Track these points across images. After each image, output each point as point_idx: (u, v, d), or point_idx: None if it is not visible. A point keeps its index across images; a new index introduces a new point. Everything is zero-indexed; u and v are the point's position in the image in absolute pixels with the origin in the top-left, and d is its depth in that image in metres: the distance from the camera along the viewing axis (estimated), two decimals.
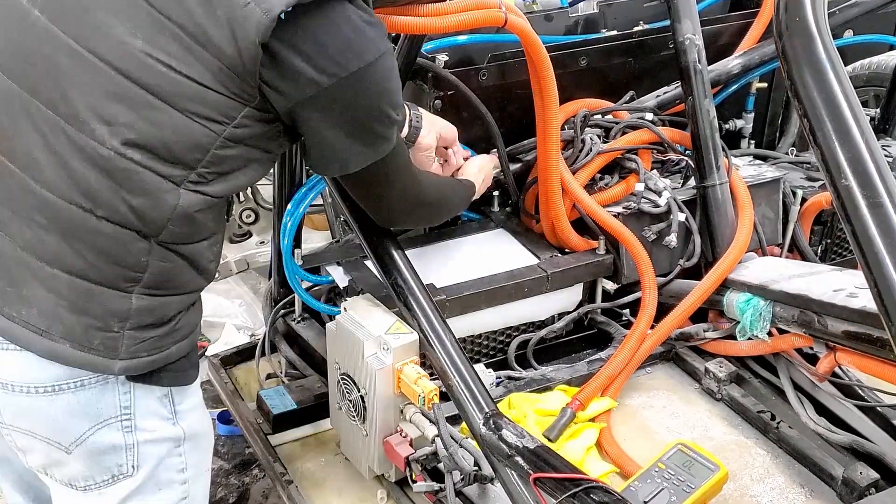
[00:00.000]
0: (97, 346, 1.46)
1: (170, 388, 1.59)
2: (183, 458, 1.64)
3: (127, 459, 1.57)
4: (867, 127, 1.41)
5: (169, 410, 1.60)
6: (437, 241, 2.48)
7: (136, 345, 1.50)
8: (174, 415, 1.61)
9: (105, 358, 1.47)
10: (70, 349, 1.45)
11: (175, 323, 1.56)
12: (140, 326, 1.50)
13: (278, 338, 2.59)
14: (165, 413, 1.60)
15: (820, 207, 2.65)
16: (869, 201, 1.35)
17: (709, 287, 2.31)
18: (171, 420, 1.61)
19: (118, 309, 1.47)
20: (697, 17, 2.47)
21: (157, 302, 1.51)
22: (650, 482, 1.90)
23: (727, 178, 2.43)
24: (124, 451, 1.57)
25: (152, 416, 1.58)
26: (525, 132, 2.49)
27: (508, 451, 1.75)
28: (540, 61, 2.18)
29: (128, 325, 1.48)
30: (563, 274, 2.36)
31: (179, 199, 1.43)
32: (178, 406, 1.61)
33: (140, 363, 1.51)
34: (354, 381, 2.01)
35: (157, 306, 1.51)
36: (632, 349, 2.29)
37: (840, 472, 2.00)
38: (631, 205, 2.44)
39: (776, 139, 3.14)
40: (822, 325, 2.06)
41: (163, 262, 1.48)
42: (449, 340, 1.94)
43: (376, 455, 2.01)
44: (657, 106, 2.66)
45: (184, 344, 1.59)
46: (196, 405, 1.67)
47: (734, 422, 2.25)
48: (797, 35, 1.47)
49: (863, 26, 2.91)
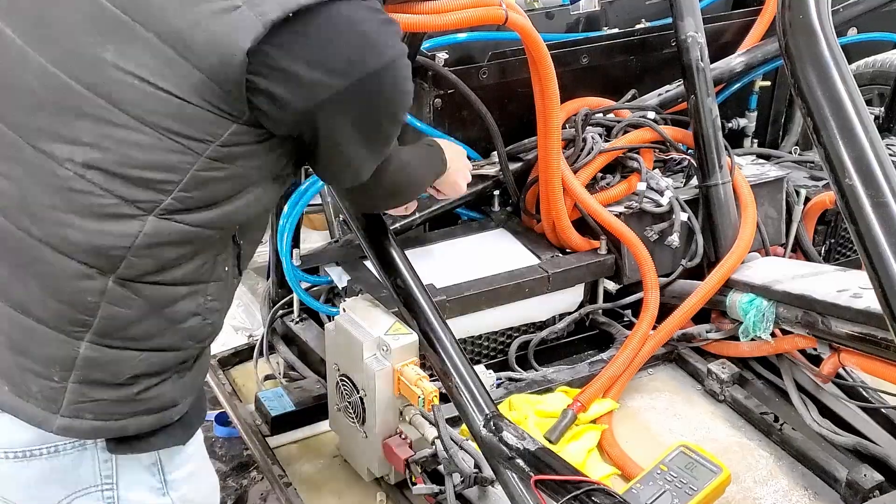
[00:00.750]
0: (35, 394, 1.30)
1: (158, 456, 1.41)
2: None
3: None
4: (871, 125, 1.40)
5: (158, 479, 1.43)
6: (438, 241, 2.48)
7: (80, 403, 1.31)
8: (164, 484, 1.43)
9: (43, 410, 1.30)
10: (8, 393, 1.31)
11: (137, 390, 1.34)
12: (87, 381, 1.31)
13: (276, 339, 2.58)
14: (154, 483, 1.42)
15: (823, 207, 2.64)
16: (873, 200, 1.35)
17: (711, 287, 2.31)
18: (160, 490, 1.43)
19: (60, 355, 1.29)
20: (700, 15, 2.46)
21: (111, 354, 1.31)
22: (652, 484, 1.89)
23: (730, 178, 2.42)
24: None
25: (138, 486, 1.41)
26: (526, 131, 2.49)
27: (509, 452, 1.74)
28: (541, 59, 2.17)
29: (72, 377, 1.30)
30: (565, 274, 2.36)
31: (144, 227, 1.25)
32: (169, 475, 1.43)
33: (83, 426, 1.32)
34: (353, 383, 2.00)
35: (109, 360, 1.31)
36: (634, 350, 2.29)
37: (844, 475, 2.00)
38: (633, 204, 2.43)
39: (779, 138, 3.15)
40: (826, 325, 2.06)
41: (118, 306, 1.28)
42: (449, 341, 1.93)
43: (376, 457, 2.00)
44: (659, 104, 2.66)
45: (149, 419, 1.37)
46: (193, 472, 1.48)
47: (737, 423, 2.24)
48: (801, 33, 1.46)
49: (867, 24, 2.91)
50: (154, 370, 1.35)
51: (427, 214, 2.46)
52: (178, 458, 1.45)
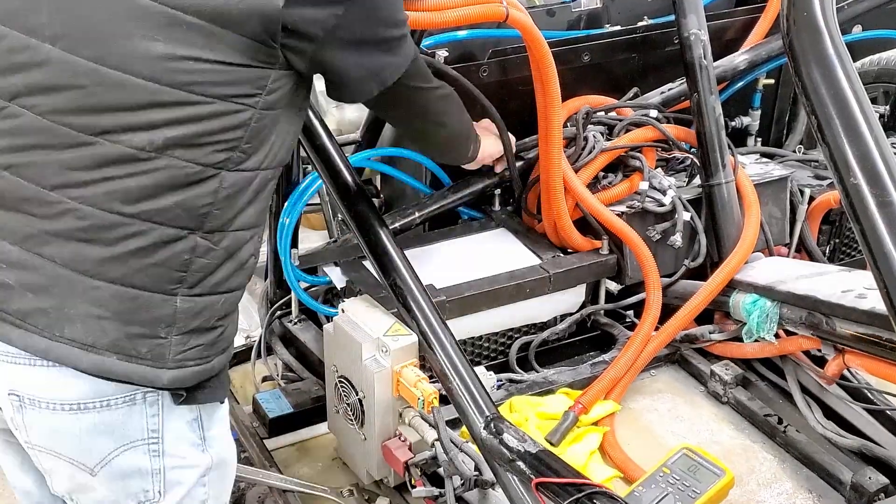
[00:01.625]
0: (145, 355, 1.46)
1: (199, 413, 1.56)
2: (206, 489, 1.61)
3: (153, 485, 1.55)
4: (876, 124, 1.40)
5: (198, 436, 1.57)
6: (438, 240, 2.47)
7: (183, 352, 1.49)
8: (203, 441, 1.58)
9: (153, 367, 1.47)
10: (117, 361, 1.44)
11: (220, 331, 1.55)
12: (186, 331, 1.49)
13: (274, 340, 2.57)
14: (195, 438, 1.57)
15: (828, 206, 2.63)
16: (878, 200, 1.35)
17: (714, 288, 2.30)
18: (200, 446, 1.58)
19: (164, 313, 1.47)
20: (703, 12, 2.45)
21: (202, 303, 1.50)
22: (655, 487, 1.89)
23: (733, 177, 2.41)
24: (150, 476, 1.54)
25: (181, 441, 1.55)
26: (526, 129, 2.47)
27: (510, 455, 1.73)
28: (542, 57, 2.16)
29: (174, 330, 1.48)
30: (566, 274, 2.35)
31: (222, 182, 1.46)
32: (208, 431, 1.59)
33: (187, 374, 1.50)
34: (352, 384, 1.99)
35: (201, 308, 1.50)
36: (636, 351, 2.27)
37: (849, 477, 1.99)
38: (635, 204, 2.42)
39: (783, 137, 3.14)
40: (831, 326, 2.05)
41: (204, 258, 1.48)
42: (449, 342, 1.92)
43: (375, 460, 2.00)
44: (662, 103, 2.64)
45: (223, 357, 1.58)
46: (224, 432, 1.64)
47: (740, 425, 2.23)
48: (805, 30, 1.46)
49: (872, 21, 2.89)
50: (230, 310, 1.57)
51: (427, 214, 2.44)
52: (216, 415, 1.61)
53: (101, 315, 1.43)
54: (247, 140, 1.46)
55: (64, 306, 1.43)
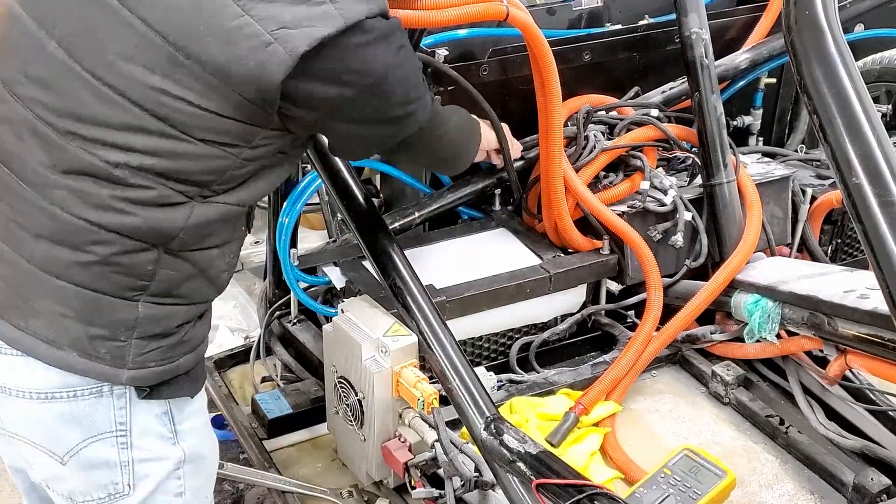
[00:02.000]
0: (104, 356, 1.48)
1: (169, 406, 1.57)
2: (182, 482, 1.61)
3: (122, 477, 1.56)
4: (879, 123, 1.40)
5: (169, 429, 1.58)
6: (438, 240, 2.46)
7: (143, 354, 1.50)
8: (174, 434, 1.58)
9: (112, 367, 1.48)
10: (77, 358, 1.47)
11: (183, 334, 1.56)
12: (147, 336, 1.51)
13: (273, 340, 2.57)
14: (164, 432, 1.57)
15: (830, 206, 2.62)
16: (880, 199, 1.35)
17: (716, 288, 2.29)
18: (170, 440, 1.58)
19: (124, 318, 1.49)
20: (704, 11, 2.44)
21: (163, 311, 1.52)
22: (656, 488, 1.88)
23: (735, 176, 2.41)
24: (119, 468, 1.55)
25: (150, 434, 1.56)
26: (527, 129, 2.47)
27: (510, 456, 1.72)
28: (542, 56, 2.16)
29: (134, 335, 1.49)
30: (567, 274, 2.34)
31: (192, 210, 1.47)
32: (179, 425, 1.59)
33: (148, 373, 1.51)
34: (352, 385, 1.99)
35: (163, 315, 1.52)
36: (637, 352, 2.27)
37: (851, 478, 1.99)
38: (636, 203, 2.42)
39: (785, 136, 3.14)
40: (833, 327, 2.04)
41: (171, 270, 1.50)
42: (449, 343, 1.92)
43: (374, 461, 2.00)
44: (663, 102, 2.64)
45: (191, 357, 1.59)
46: (199, 426, 1.64)
47: (742, 426, 2.23)
48: (807, 29, 1.46)
49: (874, 20, 2.89)
50: (193, 316, 1.58)
51: (427, 214, 2.44)
52: (188, 410, 1.61)
53: (65, 314, 1.46)
54: (220, 182, 1.47)
55: (31, 301, 1.47)
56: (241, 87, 1.39)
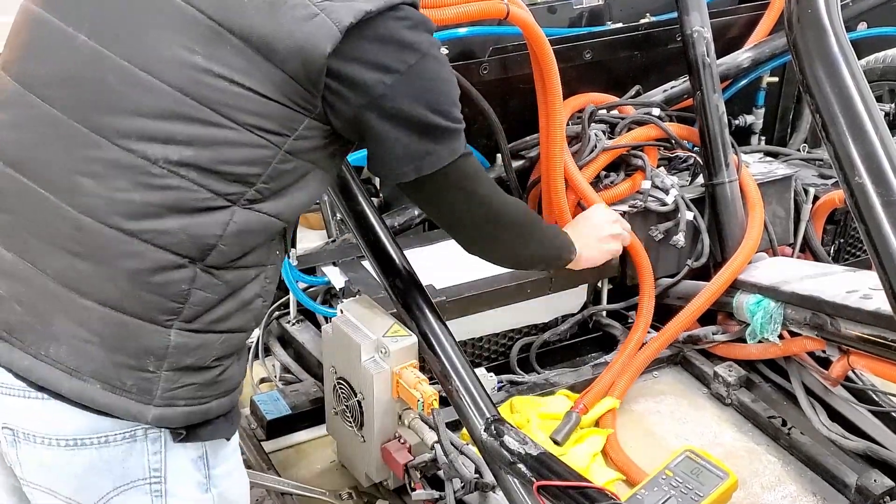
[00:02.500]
0: (130, 388, 1.37)
1: (205, 449, 1.48)
2: None
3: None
4: (881, 122, 1.39)
5: (203, 474, 1.48)
6: (438, 240, 2.45)
7: (173, 390, 1.39)
8: (208, 479, 1.49)
9: (138, 402, 1.37)
10: (100, 390, 1.36)
11: (219, 372, 1.45)
12: (178, 368, 1.40)
13: (272, 341, 2.55)
14: (200, 478, 1.48)
15: (832, 206, 2.62)
16: (883, 199, 1.35)
17: (718, 288, 2.29)
18: (204, 486, 1.49)
19: (154, 345, 1.38)
20: (706, 9, 2.44)
21: (197, 340, 1.41)
22: (657, 490, 1.88)
23: (737, 176, 2.40)
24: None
25: (185, 480, 1.46)
26: (527, 128, 2.47)
27: (511, 457, 1.71)
28: (543, 55, 2.15)
29: (165, 366, 1.39)
30: (567, 275, 2.31)
31: (233, 216, 1.38)
32: (214, 470, 1.49)
33: (176, 413, 1.40)
34: (351, 386, 1.98)
35: (197, 345, 1.41)
36: (629, 355, 2.29)
37: (854, 480, 1.98)
38: (637, 203, 2.41)
39: (787, 135, 3.13)
40: (835, 327, 2.04)
41: (206, 292, 1.40)
42: (449, 343, 1.90)
43: (374, 462, 1.99)
44: (664, 101, 2.64)
45: (225, 401, 1.48)
46: (233, 468, 1.55)
47: (744, 427, 2.23)
48: (809, 28, 1.46)
49: (877, 19, 2.89)
50: (229, 352, 1.47)
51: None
52: (222, 453, 1.52)
53: (87, 339, 1.35)
54: (265, 180, 1.39)
55: (49, 323, 1.36)
56: (284, 61, 1.34)
